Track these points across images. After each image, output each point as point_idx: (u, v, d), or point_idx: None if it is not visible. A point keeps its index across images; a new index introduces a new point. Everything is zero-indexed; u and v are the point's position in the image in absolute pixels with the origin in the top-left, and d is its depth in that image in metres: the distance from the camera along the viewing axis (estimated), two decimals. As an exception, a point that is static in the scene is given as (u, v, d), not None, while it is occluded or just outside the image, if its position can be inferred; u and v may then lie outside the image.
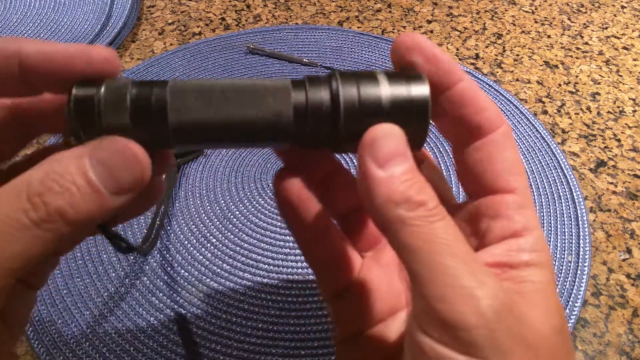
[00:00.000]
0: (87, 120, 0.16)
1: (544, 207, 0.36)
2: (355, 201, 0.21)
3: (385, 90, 0.17)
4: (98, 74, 0.17)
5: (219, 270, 0.33)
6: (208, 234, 0.35)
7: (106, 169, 0.15)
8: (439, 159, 0.40)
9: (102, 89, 0.16)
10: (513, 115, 0.43)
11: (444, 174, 0.38)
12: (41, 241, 0.15)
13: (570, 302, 0.31)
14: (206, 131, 0.17)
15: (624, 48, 0.51)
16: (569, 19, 0.55)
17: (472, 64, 0.49)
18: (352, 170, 0.31)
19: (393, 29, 0.53)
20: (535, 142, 0.41)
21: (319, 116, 0.17)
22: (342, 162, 0.39)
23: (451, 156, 0.40)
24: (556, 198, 0.37)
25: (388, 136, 0.16)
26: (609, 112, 0.45)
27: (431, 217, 0.15)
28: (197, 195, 0.37)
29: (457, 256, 0.15)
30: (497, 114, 0.18)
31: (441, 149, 0.40)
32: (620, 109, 0.45)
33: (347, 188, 0.21)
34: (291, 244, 0.34)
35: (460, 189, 0.37)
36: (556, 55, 0.50)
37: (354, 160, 0.39)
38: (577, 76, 0.48)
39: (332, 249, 0.20)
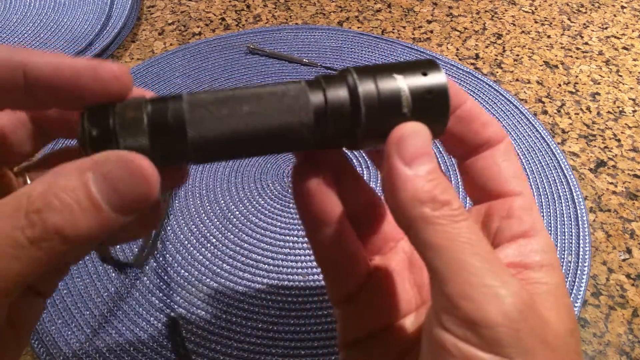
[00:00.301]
0: (103, 146, 0.15)
1: (544, 207, 0.36)
2: (362, 200, 0.21)
3: (403, 83, 0.17)
4: (107, 91, 0.16)
5: (219, 270, 0.33)
6: (208, 234, 0.35)
7: (110, 184, 0.14)
8: (441, 160, 0.40)
9: (116, 112, 0.16)
10: (513, 115, 0.43)
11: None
12: (37, 261, 0.14)
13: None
14: (226, 143, 0.16)
15: (624, 48, 0.51)
16: (569, 19, 0.55)
17: (472, 64, 0.49)
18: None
19: (393, 29, 0.53)
20: (535, 142, 0.41)
21: (339, 116, 0.17)
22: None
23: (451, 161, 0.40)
24: (556, 198, 0.37)
25: (415, 134, 0.17)
26: (609, 112, 0.45)
27: (455, 217, 0.16)
28: (197, 195, 0.37)
29: (480, 255, 0.15)
30: (500, 128, 0.20)
31: (444, 149, 0.40)
32: (620, 109, 0.45)
33: (355, 186, 0.21)
34: (291, 244, 0.34)
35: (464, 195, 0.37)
36: (556, 56, 0.50)
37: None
38: (577, 76, 0.48)
39: (347, 251, 0.20)
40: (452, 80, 0.19)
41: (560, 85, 0.47)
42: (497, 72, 0.48)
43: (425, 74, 0.17)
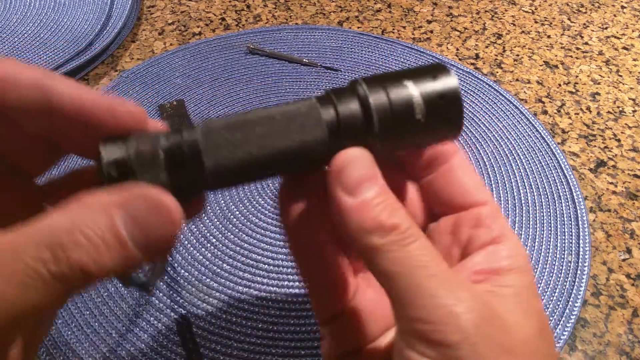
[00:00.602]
0: (122, 180, 0.15)
1: (544, 207, 0.36)
2: None
3: (414, 89, 0.17)
4: (122, 127, 0.16)
5: (219, 270, 0.33)
6: (208, 234, 0.35)
7: (137, 225, 0.14)
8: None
9: (133, 147, 0.16)
10: (513, 115, 0.43)
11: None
12: (56, 294, 0.14)
13: (570, 302, 0.31)
14: (243, 168, 0.16)
15: (624, 48, 0.51)
16: (569, 19, 0.55)
17: (472, 64, 0.49)
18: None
19: (393, 29, 0.53)
20: (535, 142, 0.41)
21: (353, 129, 0.17)
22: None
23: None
24: (556, 198, 0.37)
25: (355, 161, 0.17)
26: (609, 112, 0.45)
27: (405, 241, 0.16)
28: (197, 195, 0.37)
29: (434, 276, 0.15)
30: (451, 144, 0.20)
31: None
32: (620, 109, 0.45)
33: None
34: (291, 244, 0.34)
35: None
36: (556, 55, 0.50)
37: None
38: (577, 76, 0.48)
39: (332, 273, 0.20)
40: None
41: (560, 85, 0.47)
42: (497, 72, 0.48)
43: (435, 78, 0.17)
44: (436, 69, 0.18)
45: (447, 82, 0.17)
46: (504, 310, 0.16)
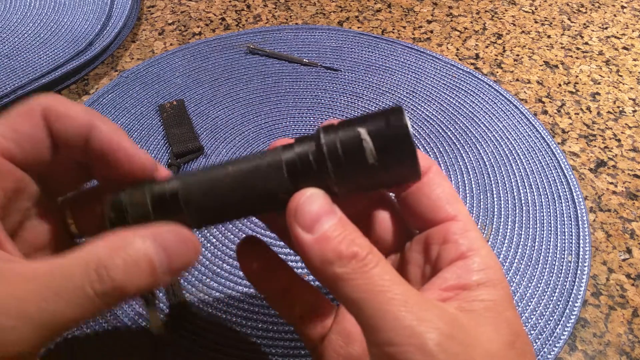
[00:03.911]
0: (119, 219, 0.19)
1: (544, 207, 0.36)
2: None
3: (363, 131, 0.18)
4: (133, 173, 0.20)
5: (219, 270, 0.33)
6: (208, 234, 0.35)
7: (167, 255, 0.17)
8: (441, 160, 0.40)
9: (128, 196, 0.19)
10: (513, 115, 0.43)
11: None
12: (97, 310, 0.16)
13: (570, 302, 0.31)
14: (217, 215, 0.19)
15: (624, 48, 0.51)
16: (569, 19, 0.55)
17: (472, 64, 0.49)
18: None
19: (393, 29, 0.53)
20: (535, 142, 0.41)
21: (309, 170, 0.18)
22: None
23: (451, 157, 0.40)
24: (556, 198, 0.37)
25: (309, 199, 0.18)
26: (609, 112, 0.45)
27: (365, 267, 0.16)
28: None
29: (395, 299, 0.16)
30: (425, 158, 0.20)
31: (444, 150, 0.40)
32: (620, 109, 0.45)
33: None
34: (291, 244, 0.34)
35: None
36: (556, 55, 0.50)
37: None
38: (577, 76, 0.48)
39: (304, 307, 0.22)
40: (455, 82, 0.19)
41: (560, 85, 0.47)
42: (497, 72, 0.48)
43: (387, 121, 0.18)
44: (391, 112, 0.18)
45: (397, 124, 0.18)
46: (474, 324, 0.17)
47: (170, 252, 0.17)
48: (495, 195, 0.37)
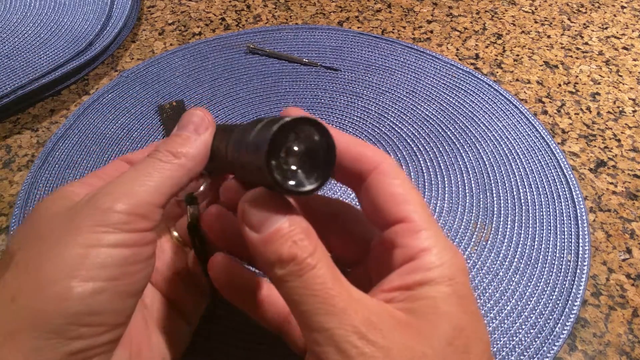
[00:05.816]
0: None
1: (543, 207, 0.36)
2: None
3: (254, 129, 0.18)
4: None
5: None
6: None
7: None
8: (441, 160, 0.40)
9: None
10: (513, 115, 0.43)
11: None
12: (178, 171, 0.20)
13: (569, 302, 0.31)
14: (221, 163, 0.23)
15: (624, 48, 0.51)
16: (569, 19, 0.55)
17: (472, 64, 0.49)
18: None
19: (393, 29, 0.53)
20: (535, 142, 0.41)
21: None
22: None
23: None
24: (556, 198, 0.37)
25: (258, 200, 0.18)
26: (609, 112, 0.44)
27: (301, 271, 0.17)
28: (197, 195, 0.37)
29: (322, 303, 0.16)
30: (374, 154, 0.20)
31: (443, 149, 0.40)
32: (620, 109, 0.45)
33: None
34: (291, 243, 0.34)
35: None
36: (556, 56, 0.50)
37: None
38: (577, 76, 0.48)
39: (282, 312, 0.22)
40: (455, 81, 0.19)
41: (560, 85, 0.47)
42: (497, 72, 0.48)
43: (273, 122, 0.17)
44: (280, 118, 0.18)
45: (274, 126, 0.17)
46: (415, 321, 0.17)
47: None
48: (495, 195, 0.37)
